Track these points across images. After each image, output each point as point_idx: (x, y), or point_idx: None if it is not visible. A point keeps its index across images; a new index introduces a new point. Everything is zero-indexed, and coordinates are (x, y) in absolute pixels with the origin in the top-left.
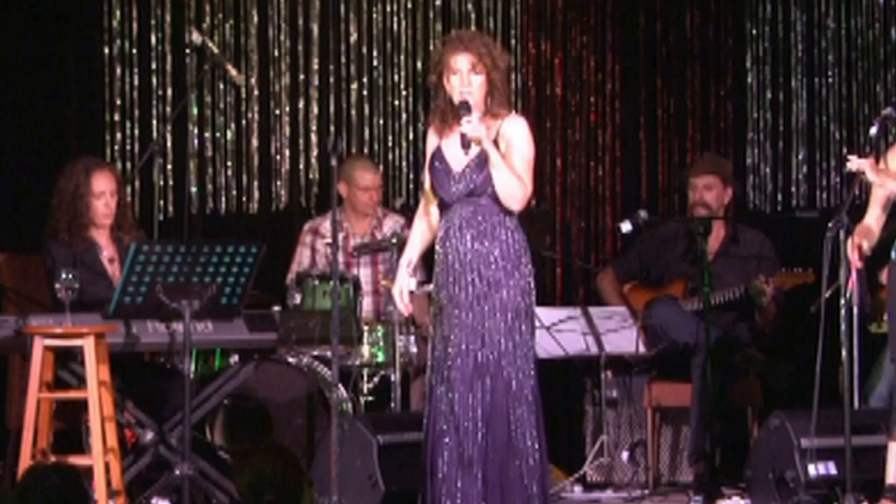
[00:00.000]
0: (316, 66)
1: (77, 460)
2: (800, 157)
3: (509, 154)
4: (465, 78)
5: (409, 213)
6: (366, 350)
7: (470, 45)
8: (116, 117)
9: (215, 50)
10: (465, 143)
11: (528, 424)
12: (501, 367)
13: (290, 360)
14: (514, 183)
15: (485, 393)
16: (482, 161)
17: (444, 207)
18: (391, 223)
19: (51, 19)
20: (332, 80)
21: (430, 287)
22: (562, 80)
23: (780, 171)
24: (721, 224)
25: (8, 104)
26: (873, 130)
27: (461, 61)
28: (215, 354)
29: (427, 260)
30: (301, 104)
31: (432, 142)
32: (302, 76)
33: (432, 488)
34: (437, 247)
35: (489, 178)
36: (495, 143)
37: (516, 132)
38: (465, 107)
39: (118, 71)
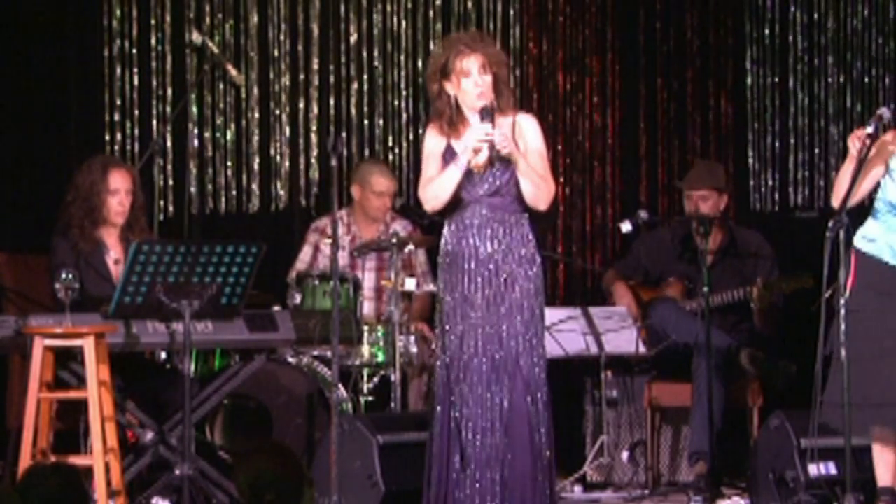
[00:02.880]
0: (316, 66)
1: (77, 460)
2: (799, 157)
3: (528, 154)
4: (477, 79)
5: (409, 213)
6: (366, 350)
7: (475, 47)
8: (116, 117)
9: (215, 50)
10: (496, 156)
11: (543, 421)
12: (519, 366)
13: (290, 360)
14: (541, 185)
15: (503, 393)
16: (505, 161)
17: (457, 206)
18: (399, 228)
19: (51, 19)
20: (332, 80)
21: (430, 287)
22: (562, 79)
23: (780, 171)
24: (718, 227)
25: (8, 104)
26: (869, 130)
27: (471, 63)
28: (215, 354)
29: (430, 261)
30: (301, 104)
31: (437, 142)
32: (302, 76)
33: (443, 487)
34: (446, 246)
35: (512, 178)
36: (514, 142)
37: (530, 130)
38: (487, 113)
39: (118, 71)
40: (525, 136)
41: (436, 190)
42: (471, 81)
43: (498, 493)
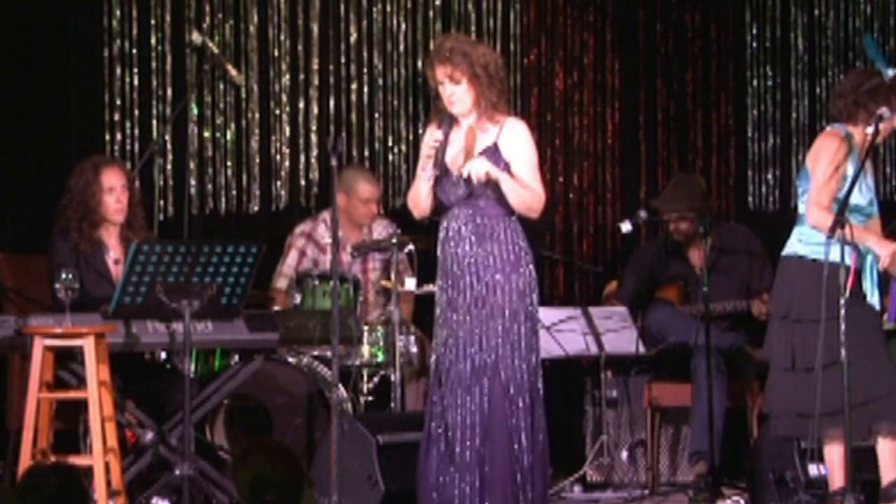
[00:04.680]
0: (316, 66)
1: (77, 460)
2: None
3: (516, 163)
4: (446, 89)
5: (408, 215)
6: (366, 350)
7: (443, 57)
8: (116, 117)
9: (215, 50)
10: (468, 181)
11: (525, 427)
12: (498, 370)
13: (290, 360)
14: (528, 196)
15: (482, 397)
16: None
17: (443, 210)
18: (380, 228)
19: (51, 19)
20: (332, 80)
21: (429, 287)
22: (562, 79)
23: (780, 171)
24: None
25: (8, 104)
26: (869, 129)
27: (438, 74)
28: (215, 354)
29: (430, 261)
30: (301, 104)
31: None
32: (302, 76)
33: (423, 490)
34: (438, 250)
35: (490, 181)
36: (495, 146)
37: (518, 139)
38: (444, 122)
39: (118, 71)
40: (514, 144)
41: (412, 198)
42: (442, 89)
43: (477, 497)
